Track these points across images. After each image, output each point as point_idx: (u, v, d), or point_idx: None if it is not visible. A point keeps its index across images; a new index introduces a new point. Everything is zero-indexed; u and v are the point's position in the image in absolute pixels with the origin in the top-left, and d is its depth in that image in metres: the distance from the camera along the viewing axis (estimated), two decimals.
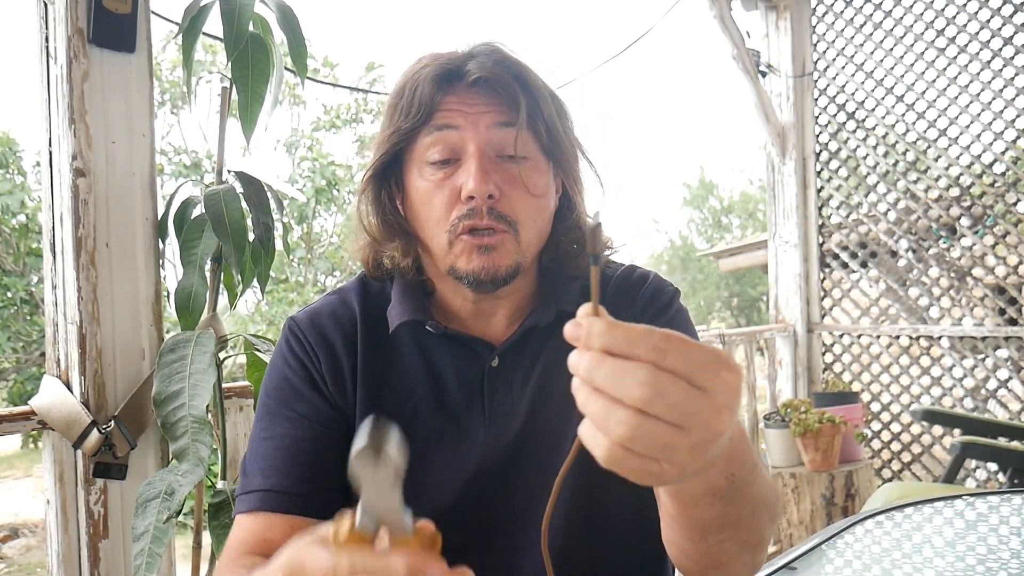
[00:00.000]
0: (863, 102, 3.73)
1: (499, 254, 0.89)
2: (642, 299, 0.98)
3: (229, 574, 0.83)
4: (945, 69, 3.51)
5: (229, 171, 1.76)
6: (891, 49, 3.63)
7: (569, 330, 0.53)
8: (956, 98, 3.50)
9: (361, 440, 0.50)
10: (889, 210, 3.70)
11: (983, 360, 3.57)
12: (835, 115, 3.80)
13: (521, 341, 0.95)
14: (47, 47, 1.57)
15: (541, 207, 0.93)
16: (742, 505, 0.69)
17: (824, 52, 3.81)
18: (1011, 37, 3.37)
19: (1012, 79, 3.37)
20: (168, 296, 1.99)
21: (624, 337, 0.51)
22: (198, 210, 1.69)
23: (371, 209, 0.96)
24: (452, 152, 0.90)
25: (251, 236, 1.67)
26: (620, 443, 0.51)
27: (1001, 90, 3.39)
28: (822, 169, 3.85)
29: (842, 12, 3.75)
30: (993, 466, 3.43)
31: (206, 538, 1.60)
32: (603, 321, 0.52)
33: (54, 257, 1.58)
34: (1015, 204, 3.43)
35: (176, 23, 1.69)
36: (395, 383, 0.94)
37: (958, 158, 3.54)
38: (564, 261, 0.99)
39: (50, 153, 1.57)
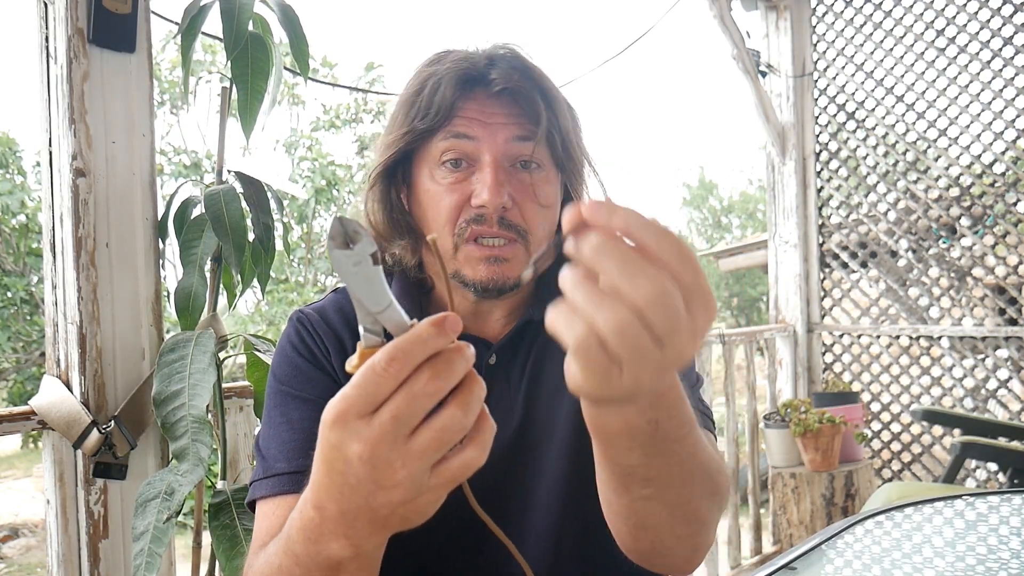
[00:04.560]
0: (863, 102, 3.73)
1: (510, 266, 0.90)
2: None
3: (263, 558, 0.75)
4: (945, 69, 3.51)
5: (229, 171, 1.76)
6: (891, 49, 3.63)
7: (587, 208, 0.50)
8: (956, 98, 3.50)
9: (329, 236, 0.48)
10: (889, 210, 3.70)
11: (983, 360, 3.57)
12: (835, 115, 3.80)
13: (516, 337, 0.96)
14: (47, 47, 1.57)
15: (549, 216, 0.94)
16: (670, 463, 0.66)
17: (824, 52, 3.81)
18: (1011, 37, 3.37)
19: (1012, 79, 3.37)
20: (168, 296, 1.99)
21: (652, 227, 0.49)
22: (198, 210, 1.69)
23: (378, 207, 0.96)
24: (466, 156, 0.90)
25: (251, 236, 1.67)
26: (602, 333, 0.48)
27: (1001, 90, 3.39)
28: (822, 169, 3.85)
29: (842, 12, 3.74)
30: (993, 466, 3.43)
31: (206, 538, 1.60)
32: (631, 208, 0.49)
33: (54, 257, 1.57)
34: (1015, 204, 3.43)
35: (176, 23, 1.69)
36: None
37: (958, 158, 3.54)
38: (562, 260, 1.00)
39: (50, 153, 1.57)
